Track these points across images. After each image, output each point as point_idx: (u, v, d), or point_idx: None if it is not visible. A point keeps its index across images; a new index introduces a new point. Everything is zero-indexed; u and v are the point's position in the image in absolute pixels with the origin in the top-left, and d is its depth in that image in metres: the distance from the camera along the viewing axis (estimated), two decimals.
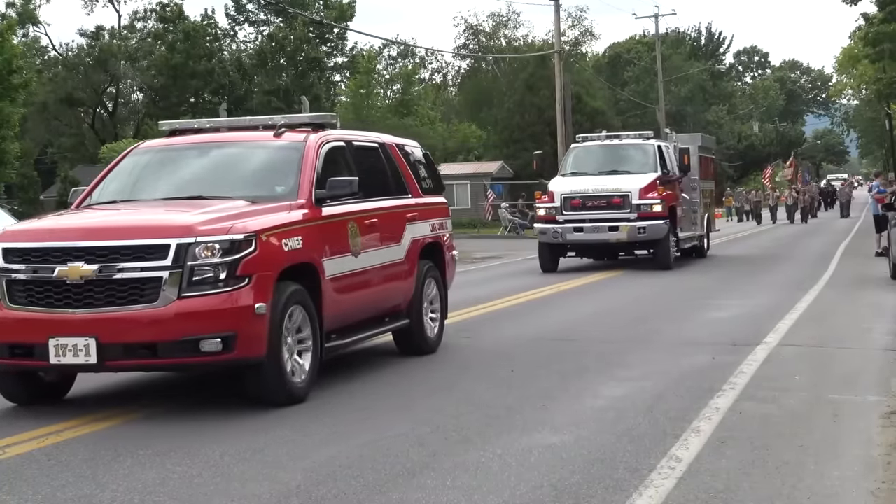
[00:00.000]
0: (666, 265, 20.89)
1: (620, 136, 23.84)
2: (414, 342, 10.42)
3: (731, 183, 79.48)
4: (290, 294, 7.90)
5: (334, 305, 8.60)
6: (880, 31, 43.08)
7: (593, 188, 21.04)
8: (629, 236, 20.66)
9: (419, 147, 11.67)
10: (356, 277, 9.10)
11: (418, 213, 10.54)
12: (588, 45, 79.55)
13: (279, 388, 7.85)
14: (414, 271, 10.28)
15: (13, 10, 63.77)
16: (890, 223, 18.49)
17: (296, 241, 8.08)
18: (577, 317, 14.01)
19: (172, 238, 7.50)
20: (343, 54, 75.42)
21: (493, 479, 5.88)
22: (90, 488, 5.90)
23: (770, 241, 33.50)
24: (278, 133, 9.21)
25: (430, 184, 11.37)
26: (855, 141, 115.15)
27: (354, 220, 9.13)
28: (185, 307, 7.42)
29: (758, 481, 5.80)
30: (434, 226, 10.96)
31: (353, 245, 9.04)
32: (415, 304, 10.27)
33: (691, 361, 9.75)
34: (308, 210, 8.49)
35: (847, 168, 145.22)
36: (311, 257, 8.32)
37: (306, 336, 8.18)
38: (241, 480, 6.01)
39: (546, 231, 21.16)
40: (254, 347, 7.59)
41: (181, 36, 71.09)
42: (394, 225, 9.98)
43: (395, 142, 10.92)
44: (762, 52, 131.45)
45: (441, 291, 11.01)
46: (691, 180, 24.09)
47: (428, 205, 10.93)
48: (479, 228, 46.51)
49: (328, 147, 9.17)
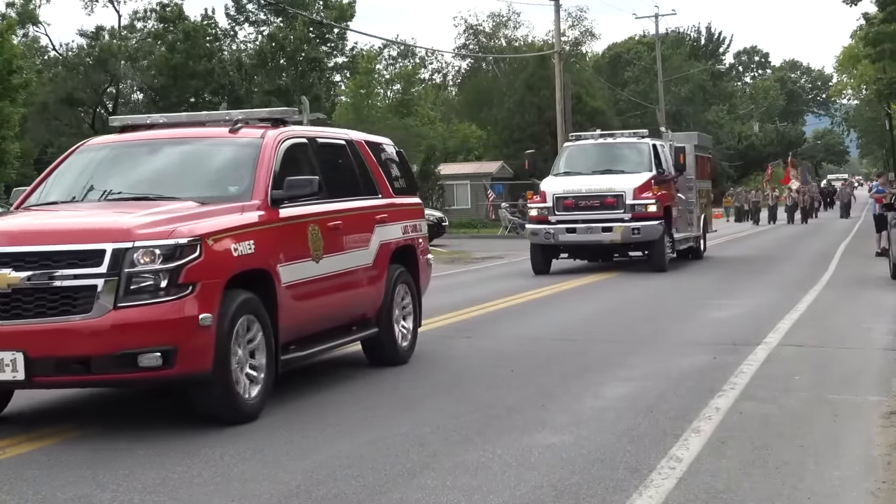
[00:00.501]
0: (661, 267, 20.50)
1: (614, 134, 23.47)
2: (384, 352, 9.83)
3: (731, 183, 79.53)
4: (240, 303, 7.33)
5: (292, 315, 8.01)
6: (880, 31, 43.09)
7: (586, 188, 20.64)
8: (623, 237, 20.24)
9: (392, 145, 11.06)
10: (317, 284, 8.48)
11: (388, 215, 9.90)
12: (588, 45, 79.56)
13: (228, 406, 7.27)
14: (383, 277, 9.69)
15: (13, 10, 63.77)
16: (890, 223, 18.50)
17: (247, 245, 7.50)
18: (576, 317, 14.02)
19: (108, 242, 6.91)
20: (343, 54, 75.39)
21: (493, 479, 5.88)
22: (90, 488, 5.90)
23: (768, 242, 33.34)
24: (234, 129, 8.60)
25: (403, 184, 10.74)
26: (855, 141, 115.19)
27: (316, 222, 8.52)
28: (121, 318, 6.81)
29: (758, 481, 5.80)
30: (406, 228, 10.34)
31: (314, 249, 8.43)
32: (384, 312, 9.68)
33: (691, 361, 9.76)
34: (263, 212, 7.90)
35: (847, 168, 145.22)
36: (265, 263, 7.73)
37: (259, 348, 7.60)
38: (241, 480, 6.01)
39: (538, 232, 20.75)
40: (198, 362, 7.00)
41: (181, 36, 71.12)
42: (361, 227, 9.39)
43: (365, 139, 10.34)
44: (762, 52, 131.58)
45: (414, 298, 10.38)
46: (687, 180, 23.73)
47: (400, 206, 10.30)
48: (479, 228, 46.53)
49: (288, 144, 8.60)
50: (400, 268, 10.06)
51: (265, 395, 7.64)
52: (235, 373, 7.29)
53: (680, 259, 22.92)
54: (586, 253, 21.70)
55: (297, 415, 7.75)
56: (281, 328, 7.85)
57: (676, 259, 22.46)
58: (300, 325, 8.29)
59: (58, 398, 8.67)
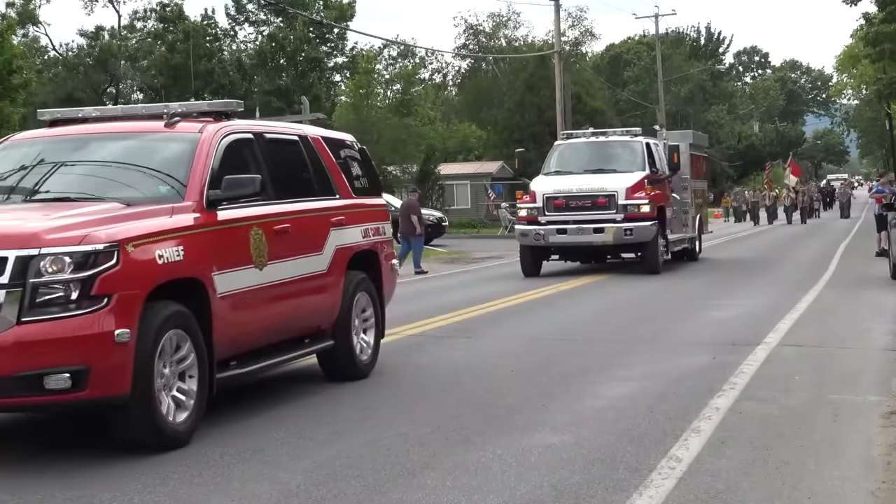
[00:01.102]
0: (654, 269, 19.99)
1: (607, 133, 22.97)
2: (341, 366, 9.05)
3: (731, 183, 79.54)
4: (165, 317, 6.59)
5: (230, 328, 7.29)
6: (880, 31, 43.09)
7: (577, 188, 20.13)
8: (615, 239, 19.76)
9: (354, 142, 10.29)
10: (261, 293, 7.70)
11: (346, 217, 9.09)
12: (588, 46, 79.55)
13: (151, 432, 6.51)
14: (340, 284, 8.89)
15: (13, 10, 63.79)
16: (890, 223, 18.50)
17: (175, 251, 6.74)
18: (576, 317, 14.02)
19: (11, 249, 6.16)
20: (343, 54, 75.43)
21: (494, 480, 5.88)
22: (90, 488, 5.89)
23: (767, 243, 33.12)
24: (170, 123, 7.86)
25: (366, 184, 9.96)
26: (855, 141, 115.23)
27: (260, 225, 7.74)
28: (25, 334, 6.07)
29: (758, 481, 5.80)
30: (368, 231, 9.53)
31: (257, 255, 7.65)
32: (341, 323, 8.90)
33: (691, 361, 9.75)
34: (198, 214, 7.16)
35: (847, 168, 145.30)
36: (197, 271, 6.97)
37: (190, 366, 6.87)
38: (241, 480, 6.01)
39: (527, 233, 20.22)
40: (114, 384, 6.24)
41: (181, 36, 71.13)
42: (314, 231, 8.60)
43: (323, 135, 9.54)
44: (762, 52, 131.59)
45: (377, 307, 9.61)
46: (682, 179, 23.22)
47: (360, 207, 9.49)
48: (479, 228, 46.55)
49: (230, 139, 7.84)
50: (360, 275, 9.29)
51: (197, 417, 6.90)
52: (160, 395, 6.56)
53: (674, 261, 22.56)
54: (578, 254, 21.19)
55: (296, 415, 7.75)
56: (217, 343, 7.12)
57: (671, 261, 22.09)
58: (240, 339, 7.58)
59: None
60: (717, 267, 22.58)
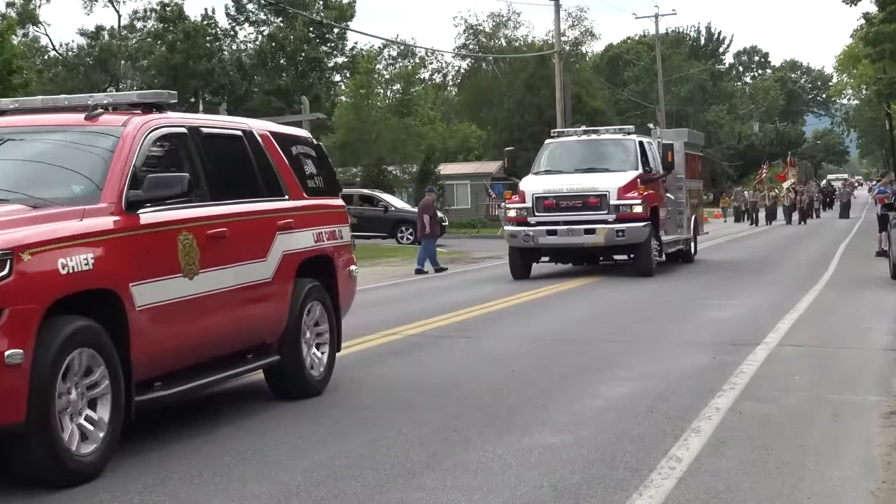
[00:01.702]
0: (647, 271, 19.43)
1: (599, 130, 22.31)
2: (288, 383, 8.26)
3: (731, 183, 79.56)
4: (69, 334, 5.83)
5: (152, 345, 6.53)
6: (881, 31, 43.11)
7: (567, 187, 19.54)
8: (607, 240, 19.16)
9: (309, 138, 9.56)
10: (190, 306, 6.92)
11: (296, 220, 8.30)
12: (588, 46, 79.60)
13: (51, 464, 5.75)
14: (288, 294, 8.12)
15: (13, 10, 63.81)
16: (890, 223, 18.50)
17: (83, 259, 5.95)
18: (576, 317, 14.02)
19: None
20: (343, 54, 75.45)
21: (494, 479, 5.88)
22: (90, 488, 5.89)
23: (765, 244, 32.79)
24: (91, 115, 7.02)
25: (321, 183, 9.18)
26: (855, 141, 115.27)
27: (190, 229, 6.96)
28: None
29: (758, 481, 5.80)
30: (321, 235, 8.74)
31: (187, 263, 6.88)
32: (289, 336, 8.13)
33: (691, 361, 9.75)
34: (117, 217, 6.40)
35: (847, 168, 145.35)
36: (110, 281, 6.19)
37: (102, 391, 6.09)
38: (241, 480, 6.01)
39: (516, 234, 19.61)
40: (5, 411, 5.53)
41: (181, 36, 71.15)
42: (257, 235, 7.85)
43: (271, 130, 8.78)
44: (762, 52, 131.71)
45: (332, 317, 8.80)
46: (677, 179, 22.66)
47: (313, 209, 8.70)
48: (479, 228, 46.57)
49: (158, 134, 7.08)
50: (312, 282, 8.47)
51: (110, 447, 6.13)
52: (62, 422, 5.82)
53: (669, 263, 22.09)
54: (568, 256, 20.62)
55: (296, 415, 7.74)
56: (135, 363, 6.37)
57: (665, 263, 21.62)
58: (165, 357, 6.82)
59: None
60: (713, 268, 22.16)
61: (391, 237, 37.10)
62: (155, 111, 7.30)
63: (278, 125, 9.48)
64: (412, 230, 37.46)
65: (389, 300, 17.04)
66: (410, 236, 37.35)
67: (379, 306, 15.97)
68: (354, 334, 12.08)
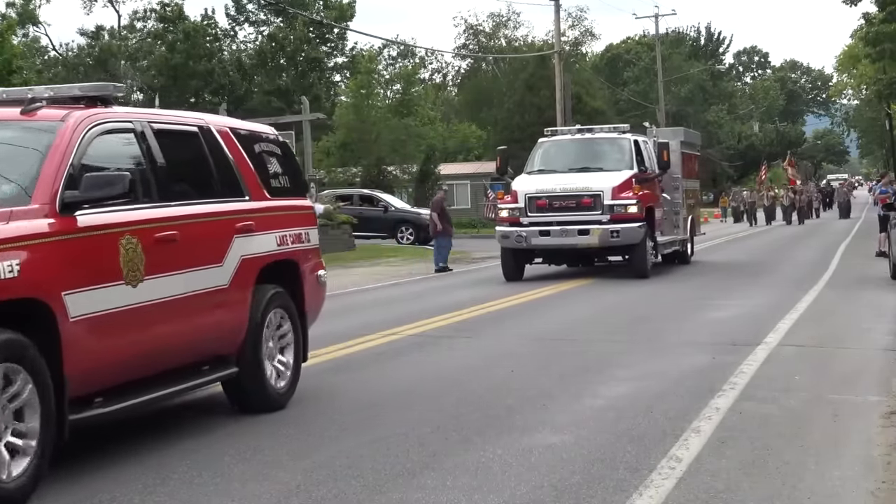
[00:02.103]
0: (642, 273, 19.04)
1: (593, 129, 21.91)
2: (249, 396, 7.71)
3: (731, 183, 79.58)
4: None
5: (89, 358, 6.02)
6: (880, 31, 43.13)
7: (561, 187, 19.13)
8: (601, 241, 18.78)
9: (275, 135, 8.91)
10: (134, 315, 6.38)
11: (256, 222, 7.73)
12: (588, 46, 79.63)
13: None
14: (247, 301, 7.57)
15: (13, 10, 63.82)
16: (890, 223, 18.49)
17: (6, 266, 5.44)
18: (576, 317, 14.02)
19: None
20: (343, 54, 75.48)
21: (494, 479, 5.88)
22: (90, 489, 5.89)
23: (763, 245, 32.36)
24: (28, 109, 6.51)
25: (286, 183, 8.59)
26: (855, 141, 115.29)
27: (135, 233, 6.44)
28: None
29: (758, 481, 5.80)
30: (285, 238, 8.18)
31: (130, 269, 6.34)
32: (249, 347, 7.58)
33: (691, 361, 9.75)
34: (48, 219, 5.87)
35: (847, 168, 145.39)
36: (39, 290, 5.66)
37: (30, 406, 5.62)
38: (241, 480, 6.01)
39: (509, 235, 19.25)
40: None
41: (181, 36, 71.18)
42: (211, 238, 7.32)
43: (231, 125, 8.23)
44: (762, 52, 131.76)
45: (297, 326, 8.26)
46: (673, 179, 22.22)
47: (276, 210, 8.15)
48: (479, 228, 46.57)
49: (101, 129, 6.55)
50: (275, 289, 7.93)
51: (38, 470, 5.63)
52: None
53: (665, 264, 21.83)
54: (562, 257, 20.27)
55: (296, 415, 7.74)
56: (69, 378, 5.84)
57: (662, 264, 21.39)
58: (105, 371, 6.28)
59: None
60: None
61: (391, 237, 37.12)
62: (100, 105, 6.82)
63: (242, 122, 8.84)
64: (412, 230, 37.54)
65: (389, 300, 17.04)
66: (410, 236, 37.38)
67: (379, 306, 15.98)
68: (355, 334, 12.10)
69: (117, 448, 6.76)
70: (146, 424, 7.57)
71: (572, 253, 19.76)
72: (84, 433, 7.24)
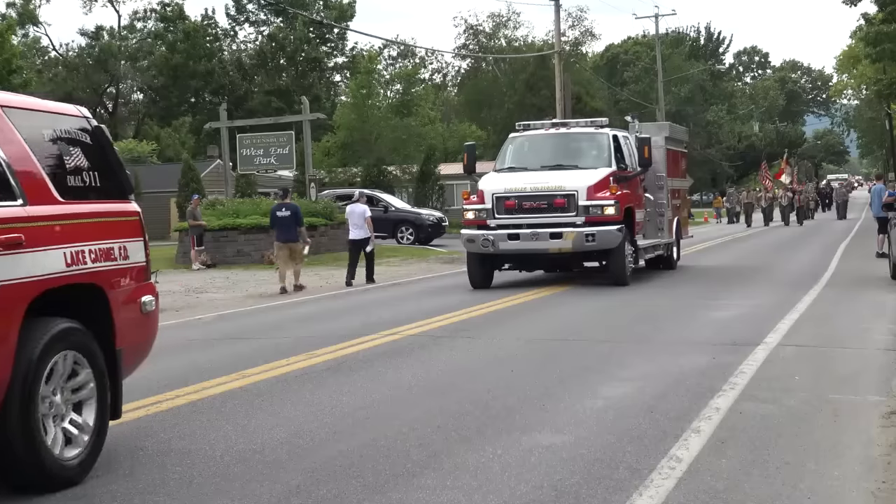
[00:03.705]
0: (621, 280, 17.60)
1: (569, 123, 20.33)
2: (16, 471, 5.69)
3: (731, 183, 79.61)
4: None
5: None
6: (880, 32, 43.13)
7: (532, 186, 17.57)
8: (575, 245, 17.28)
9: (79, 113, 6.86)
10: None
11: (27, 234, 5.70)
12: (588, 46, 79.63)
13: None
14: (9, 342, 5.51)
15: (13, 10, 63.82)
16: (890, 223, 18.49)
17: None
18: (576, 317, 14.02)
19: None
20: (343, 54, 75.52)
21: (494, 480, 5.88)
22: (90, 488, 5.89)
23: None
24: None
25: (94, 180, 6.59)
26: (855, 141, 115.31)
27: None
28: None
29: (758, 481, 5.79)
30: (82, 255, 6.18)
31: None
32: (12, 406, 5.54)
33: (691, 361, 9.75)
34: None
35: (847, 168, 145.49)
36: None
37: None
38: (241, 480, 6.01)
39: (474, 239, 17.66)
40: None
41: (181, 36, 71.21)
42: None
43: (5, 102, 6.15)
44: (762, 52, 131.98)
45: (102, 373, 6.22)
46: (658, 178, 20.61)
47: (68, 217, 6.16)
48: None
49: None
50: (64, 324, 5.94)
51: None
52: None
53: (648, 269, 20.52)
54: (533, 263, 18.62)
55: (296, 415, 7.74)
56: None
57: (645, 269, 20.13)
58: None
59: None
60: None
61: (391, 237, 37.14)
62: None
63: (24, 97, 6.61)
64: (412, 230, 37.60)
65: (389, 300, 17.05)
66: (410, 236, 37.43)
67: (379, 306, 15.98)
68: (355, 334, 12.11)
69: (117, 447, 6.76)
70: (145, 424, 7.58)
71: (544, 258, 18.21)
72: None
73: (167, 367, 10.06)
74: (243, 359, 10.55)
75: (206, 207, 30.85)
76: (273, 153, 34.42)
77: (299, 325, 13.77)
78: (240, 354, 11.00)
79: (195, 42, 71.30)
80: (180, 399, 8.47)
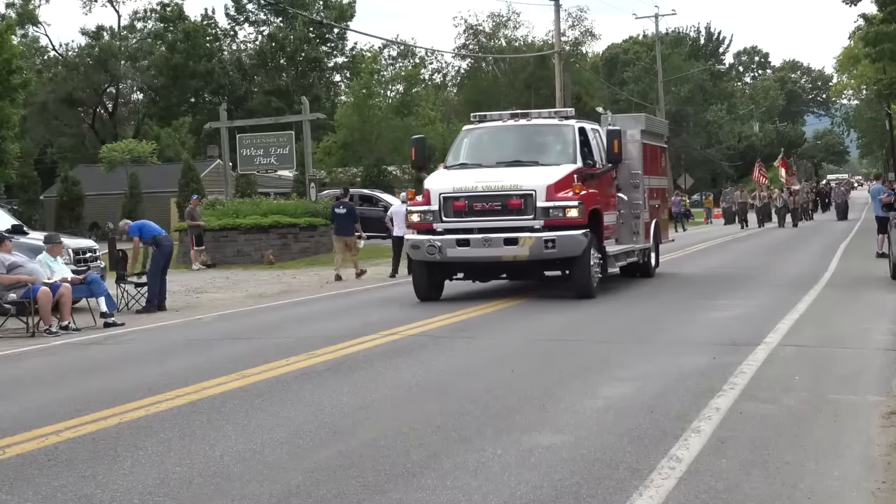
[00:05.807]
0: (586, 291, 15.43)
1: (529, 114, 17.85)
2: None
3: (731, 183, 79.59)
4: None
5: None
6: (880, 32, 43.13)
7: (484, 185, 15.40)
8: (532, 252, 15.11)
9: None
10: None
11: None
12: (588, 46, 79.59)
13: None
14: None
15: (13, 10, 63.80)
16: (890, 223, 18.49)
17: None
18: (575, 317, 14.00)
19: None
20: (343, 54, 75.50)
21: (494, 480, 5.88)
22: (90, 488, 5.89)
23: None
24: None
25: None
26: (855, 141, 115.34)
27: None
28: None
29: (758, 481, 5.79)
30: None
31: None
32: None
33: (691, 361, 9.74)
34: None
35: (847, 168, 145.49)
36: None
37: None
38: (241, 480, 6.01)
39: (419, 245, 15.57)
40: None
41: (181, 36, 71.21)
42: None
43: None
44: (762, 52, 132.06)
45: None
46: (633, 175, 18.35)
47: None
48: None
49: None
50: None
51: None
52: None
53: (623, 277, 18.32)
54: (487, 272, 16.37)
55: (296, 415, 7.74)
56: None
57: (618, 278, 17.86)
58: None
59: (58, 398, 8.68)
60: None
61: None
62: None
63: None
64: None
65: (389, 300, 17.03)
66: None
67: (379, 306, 15.98)
68: (355, 334, 12.10)
69: (117, 447, 6.76)
70: (146, 424, 7.58)
71: (498, 267, 16.04)
72: (83, 434, 7.25)
73: (167, 367, 10.07)
74: (243, 359, 10.55)
75: (206, 207, 30.86)
76: (273, 153, 34.44)
77: (299, 325, 13.78)
78: (240, 354, 11.00)
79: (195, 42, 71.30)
80: (180, 399, 8.47)
